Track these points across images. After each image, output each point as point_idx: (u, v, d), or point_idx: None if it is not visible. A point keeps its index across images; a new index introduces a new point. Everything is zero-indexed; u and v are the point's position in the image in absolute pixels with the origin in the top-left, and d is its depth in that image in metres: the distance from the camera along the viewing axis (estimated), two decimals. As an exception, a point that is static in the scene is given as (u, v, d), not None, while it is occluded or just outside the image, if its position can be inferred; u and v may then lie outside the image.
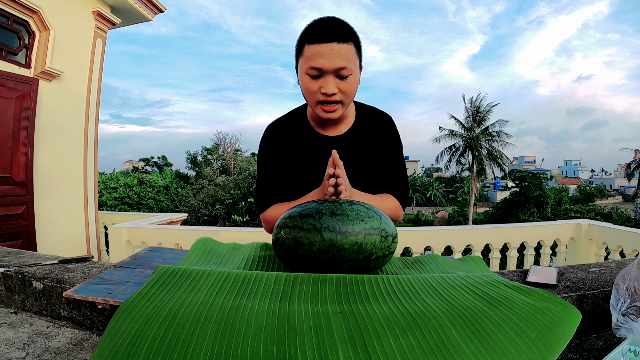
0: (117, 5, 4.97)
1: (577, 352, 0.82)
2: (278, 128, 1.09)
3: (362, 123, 1.07)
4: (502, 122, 25.92)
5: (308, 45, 0.89)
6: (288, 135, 1.07)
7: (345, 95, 0.93)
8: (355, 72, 0.92)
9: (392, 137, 1.08)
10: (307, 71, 0.91)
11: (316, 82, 0.92)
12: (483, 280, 0.76)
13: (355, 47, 0.92)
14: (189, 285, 0.74)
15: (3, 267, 1.21)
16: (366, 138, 1.06)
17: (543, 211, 22.87)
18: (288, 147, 1.06)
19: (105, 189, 22.10)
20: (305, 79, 0.92)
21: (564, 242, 3.67)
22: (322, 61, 0.88)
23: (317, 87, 0.92)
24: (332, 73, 0.90)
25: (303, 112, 1.09)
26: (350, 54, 0.90)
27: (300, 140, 1.06)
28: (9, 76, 3.69)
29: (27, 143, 3.89)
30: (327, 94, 0.91)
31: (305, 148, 1.05)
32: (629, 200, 42.18)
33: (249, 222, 16.98)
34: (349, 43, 0.90)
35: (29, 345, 0.95)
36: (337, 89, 0.91)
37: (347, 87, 0.92)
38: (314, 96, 0.93)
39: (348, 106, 0.98)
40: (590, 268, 1.08)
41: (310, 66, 0.89)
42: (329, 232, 0.77)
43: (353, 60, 0.91)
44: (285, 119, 1.10)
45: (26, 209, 3.90)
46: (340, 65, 0.88)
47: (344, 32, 0.89)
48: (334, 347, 0.55)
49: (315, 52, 0.88)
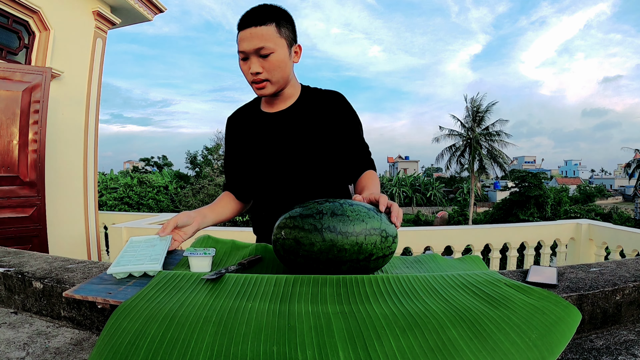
0: (117, 5, 4.97)
1: (577, 352, 0.82)
2: (234, 116, 1.23)
3: (306, 99, 1.14)
4: (502, 121, 25.93)
5: (238, 32, 1.00)
6: (241, 119, 1.20)
7: (271, 73, 1.02)
8: (276, 50, 0.99)
9: (345, 111, 1.13)
10: (239, 56, 1.02)
11: (246, 64, 1.02)
12: (483, 279, 0.75)
13: (278, 27, 0.99)
14: (189, 287, 0.74)
15: (3, 267, 1.21)
16: (310, 112, 1.12)
17: (543, 211, 22.87)
18: (240, 129, 1.19)
19: (105, 189, 22.09)
20: (240, 62, 1.03)
21: (564, 242, 3.67)
22: (243, 44, 0.99)
23: (247, 68, 1.02)
24: (254, 54, 0.99)
25: (258, 99, 1.21)
26: (268, 35, 0.98)
27: (250, 122, 1.18)
28: (16, 69, 3.46)
29: (38, 140, 3.62)
30: (252, 72, 1.01)
31: (252, 127, 1.17)
32: (629, 200, 42.17)
33: (249, 222, 17.00)
34: (268, 24, 0.98)
35: (29, 345, 0.95)
36: (261, 68, 1.00)
37: (269, 65, 1.00)
38: (247, 77, 1.04)
39: (281, 83, 1.06)
40: (590, 268, 1.08)
41: (238, 50, 1.01)
42: (330, 232, 0.77)
43: (272, 39, 0.98)
44: (242, 107, 1.24)
45: (36, 211, 3.64)
46: (257, 46, 0.98)
47: (262, 15, 0.98)
48: (334, 347, 0.55)
49: (240, 38, 0.99)
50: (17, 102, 3.47)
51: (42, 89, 3.62)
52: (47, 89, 3.67)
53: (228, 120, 1.24)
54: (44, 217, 3.72)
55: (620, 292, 0.93)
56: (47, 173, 3.84)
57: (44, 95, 3.64)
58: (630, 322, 0.95)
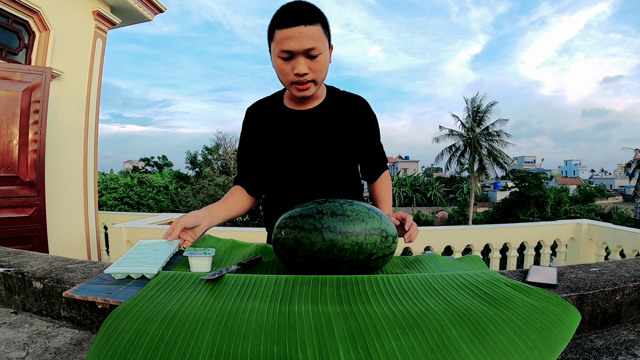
0: (117, 5, 4.97)
1: (577, 352, 0.83)
2: (254, 108, 1.19)
3: (332, 100, 1.14)
4: (502, 121, 25.92)
5: (278, 30, 0.95)
6: (262, 112, 1.17)
7: (316, 74, 1.00)
8: (324, 51, 0.98)
9: (368, 117, 1.16)
10: (279, 54, 0.97)
11: (288, 63, 0.98)
12: (483, 279, 0.75)
13: (323, 28, 0.97)
14: (189, 287, 0.74)
15: (3, 267, 1.21)
16: (336, 112, 1.12)
17: (543, 211, 22.86)
18: (262, 124, 1.15)
19: (105, 189, 22.09)
20: (278, 61, 0.98)
21: (564, 242, 3.68)
22: (291, 44, 0.94)
23: (290, 69, 0.98)
24: (302, 54, 0.96)
25: (280, 93, 1.19)
26: (317, 35, 0.95)
27: (272, 117, 1.15)
28: (16, 69, 3.45)
29: (38, 140, 3.59)
30: (299, 74, 0.97)
31: (275, 123, 1.14)
32: (629, 200, 42.17)
33: (249, 222, 17.00)
34: (316, 24, 0.95)
35: (29, 345, 0.95)
36: (308, 69, 0.97)
37: (317, 66, 0.98)
38: (288, 77, 1.00)
39: (320, 85, 1.05)
40: (590, 268, 1.08)
41: (281, 49, 0.95)
42: (330, 232, 0.77)
43: (321, 40, 0.96)
44: (263, 100, 1.20)
45: (36, 211, 3.63)
46: (309, 46, 0.94)
47: (310, 14, 0.94)
48: (334, 347, 0.55)
49: (284, 36, 0.94)
50: (17, 102, 3.46)
51: (42, 89, 3.61)
52: (47, 89, 3.66)
53: (248, 112, 1.20)
54: (44, 217, 3.71)
55: (620, 292, 0.93)
56: (47, 173, 3.84)
57: (44, 95, 3.63)
58: (630, 322, 0.95)
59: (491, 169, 26.06)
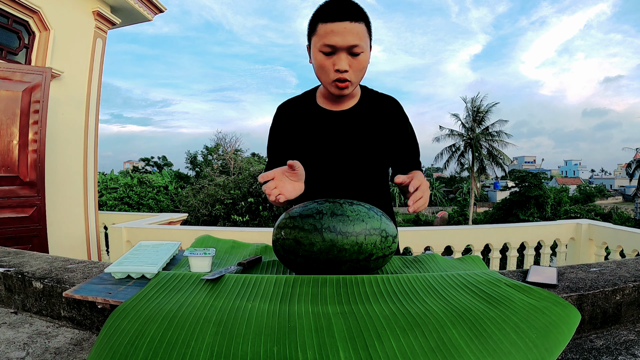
0: (117, 5, 4.97)
1: (577, 352, 0.83)
2: (286, 106, 1.17)
3: (367, 101, 1.12)
4: (502, 121, 25.92)
5: (322, 24, 0.93)
6: (295, 112, 1.14)
7: (356, 73, 0.98)
8: (366, 50, 0.96)
9: (402, 118, 1.14)
10: (320, 48, 0.95)
11: (329, 59, 0.96)
12: (483, 279, 0.75)
13: (366, 27, 0.96)
14: (189, 287, 0.74)
15: (3, 267, 1.21)
16: (371, 114, 1.10)
17: (543, 211, 22.86)
18: (294, 122, 1.13)
19: (105, 189, 22.09)
20: (319, 56, 0.96)
21: (564, 242, 3.67)
22: (335, 39, 0.92)
23: (331, 64, 0.96)
24: (345, 50, 0.93)
25: (312, 92, 1.16)
26: (362, 33, 0.94)
27: (305, 115, 1.12)
28: (16, 69, 3.45)
29: (38, 140, 3.58)
30: (340, 70, 0.95)
31: (309, 122, 1.11)
32: (629, 200, 42.16)
33: (249, 222, 17.00)
34: (361, 22, 0.93)
35: (29, 345, 0.95)
36: (348, 66, 0.95)
37: (358, 64, 0.96)
38: (328, 73, 0.98)
39: (357, 84, 1.03)
40: (590, 268, 1.08)
41: (324, 43, 0.93)
42: (330, 232, 0.77)
43: (364, 38, 0.95)
44: (295, 98, 1.18)
45: (36, 211, 3.62)
46: (353, 43, 0.92)
47: (356, 12, 0.93)
48: (334, 347, 0.55)
49: (329, 30, 0.92)
50: (17, 102, 3.46)
51: (42, 89, 3.61)
52: (47, 89, 3.66)
53: (279, 109, 1.17)
54: (44, 217, 3.70)
55: (620, 292, 0.93)
56: (47, 173, 3.83)
57: (44, 95, 3.62)
58: (630, 322, 0.95)
59: (491, 169, 26.06)
